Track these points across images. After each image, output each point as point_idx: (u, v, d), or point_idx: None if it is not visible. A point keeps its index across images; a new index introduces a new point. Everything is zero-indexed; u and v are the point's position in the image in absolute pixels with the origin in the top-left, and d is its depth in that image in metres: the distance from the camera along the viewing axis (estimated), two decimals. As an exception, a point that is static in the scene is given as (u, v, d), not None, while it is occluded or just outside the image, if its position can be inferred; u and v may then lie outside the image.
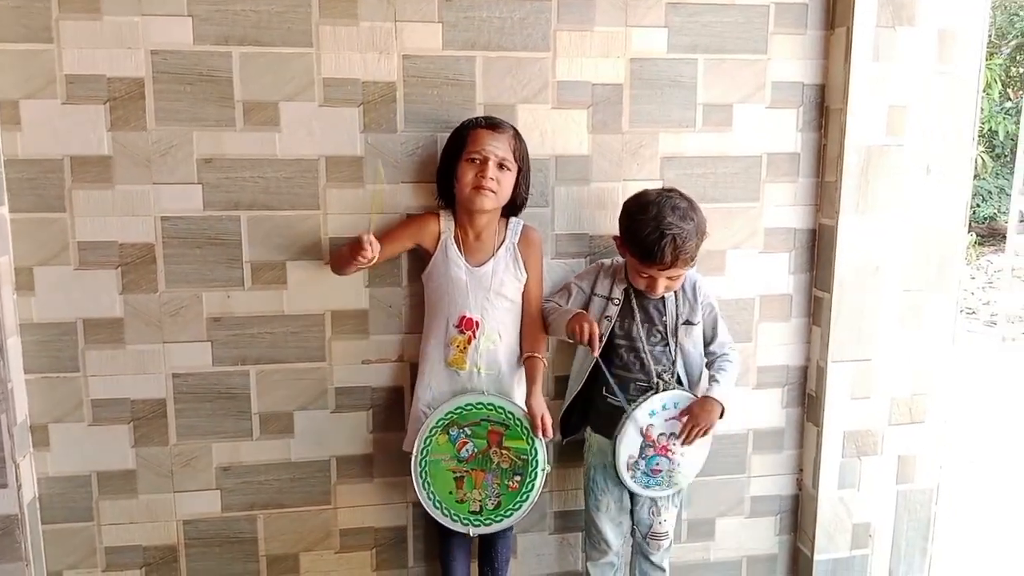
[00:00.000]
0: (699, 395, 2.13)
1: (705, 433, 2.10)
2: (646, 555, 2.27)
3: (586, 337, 2.01)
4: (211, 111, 2.05)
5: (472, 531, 2.06)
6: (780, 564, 2.56)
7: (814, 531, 2.45)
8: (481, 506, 2.05)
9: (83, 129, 2.01)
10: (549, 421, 2.06)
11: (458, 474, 2.04)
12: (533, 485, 2.06)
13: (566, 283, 2.23)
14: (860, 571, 2.50)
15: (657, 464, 2.09)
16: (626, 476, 2.08)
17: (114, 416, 2.13)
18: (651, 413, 2.06)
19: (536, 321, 2.17)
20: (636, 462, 2.08)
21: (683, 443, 2.09)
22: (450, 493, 2.05)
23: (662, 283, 2.03)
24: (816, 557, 2.46)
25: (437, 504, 2.05)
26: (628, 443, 2.06)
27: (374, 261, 1.98)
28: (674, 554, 2.35)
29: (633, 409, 2.05)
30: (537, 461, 2.05)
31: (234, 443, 2.20)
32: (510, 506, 2.06)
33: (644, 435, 2.07)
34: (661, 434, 2.08)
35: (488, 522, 2.06)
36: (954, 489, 3.17)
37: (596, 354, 2.04)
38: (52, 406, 2.11)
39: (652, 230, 1.96)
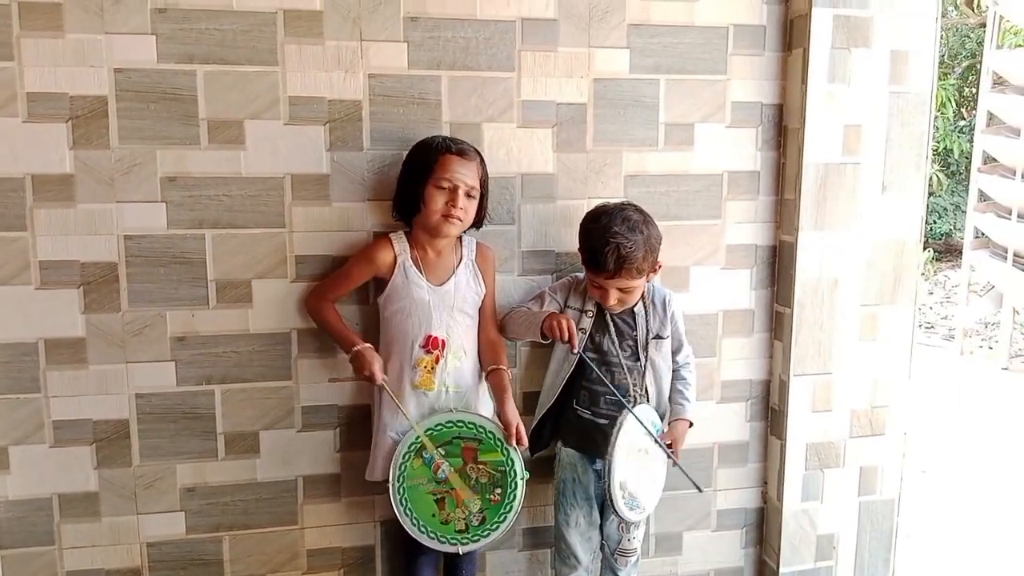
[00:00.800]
0: (670, 416, 2.19)
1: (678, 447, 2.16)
2: (614, 571, 2.28)
3: (565, 334, 2.02)
4: (175, 129, 2.04)
5: (461, 549, 2.04)
6: (746, 577, 2.59)
7: (779, 544, 2.48)
8: (466, 524, 2.04)
9: (45, 147, 1.99)
10: (523, 430, 2.07)
11: (438, 496, 2.04)
12: (515, 495, 2.05)
13: (540, 292, 2.25)
14: (825, 583, 2.53)
15: (633, 489, 2.09)
16: (620, 502, 2.05)
17: (76, 437, 2.10)
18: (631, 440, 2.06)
19: (495, 334, 2.19)
20: (624, 484, 2.05)
21: (673, 464, 2.12)
22: (433, 516, 2.03)
23: (613, 294, 2.06)
24: (782, 570, 2.49)
25: (423, 529, 2.03)
26: (620, 466, 2.03)
27: None
28: (642, 569, 2.37)
29: (618, 430, 2.02)
30: (515, 471, 2.05)
31: (199, 464, 2.17)
32: (495, 519, 2.05)
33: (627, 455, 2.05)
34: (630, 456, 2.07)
35: (476, 538, 2.05)
36: (914, 500, 3.23)
37: (576, 351, 2.06)
38: (12, 428, 2.07)
39: (598, 238, 2.01)
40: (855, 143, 2.34)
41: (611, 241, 1.99)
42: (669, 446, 2.13)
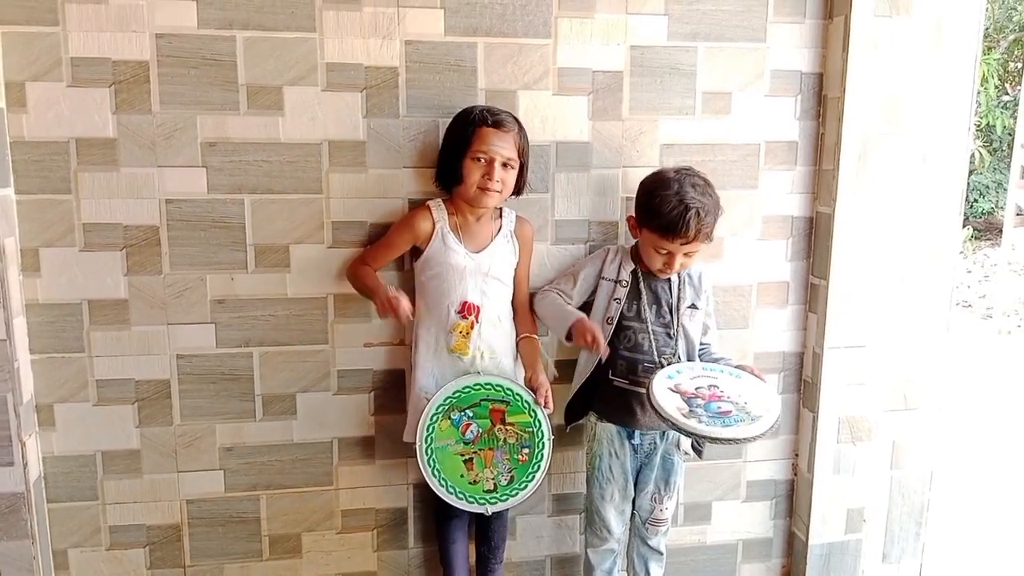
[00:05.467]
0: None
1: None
2: (644, 539, 2.30)
3: (591, 345, 2.04)
4: (215, 95, 2.07)
5: (489, 509, 2.06)
6: (775, 547, 2.59)
7: (809, 515, 2.48)
8: (495, 483, 2.07)
9: (88, 111, 2.02)
10: (551, 394, 2.09)
11: (466, 456, 2.06)
12: (543, 455, 2.08)
13: (571, 269, 2.25)
14: (854, 555, 2.53)
15: (720, 407, 1.99)
16: (693, 424, 1.91)
17: (119, 396, 2.16)
18: (668, 376, 2.05)
19: (527, 305, 2.22)
20: (692, 411, 1.97)
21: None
22: (461, 476, 2.06)
23: (679, 259, 2.06)
24: (811, 541, 2.49)
25: (451, 489, 2.06)
26: (668, 401, 1.97)
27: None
28: (671, 537, 2.38)
29: (651, 380, 2.02)
30: (543, 432, 2.08)
31: (237, 424, 2.22)
32: (523, 478, 2.07)
33: (678, 392, 2.02)
34: (698, 387, 2.04)
35: (505, 497, 2.07)
36: (948, 475, 3.20)
37: (603, 356, 2.07)
38: (57, 386, 2.13)
39: (676, 204, 1.99)
40: (896, 113, 2.30)
41: (691, 206, 1.98)
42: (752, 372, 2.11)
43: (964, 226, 8.82)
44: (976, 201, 9.67)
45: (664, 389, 2.01)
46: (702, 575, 2.56)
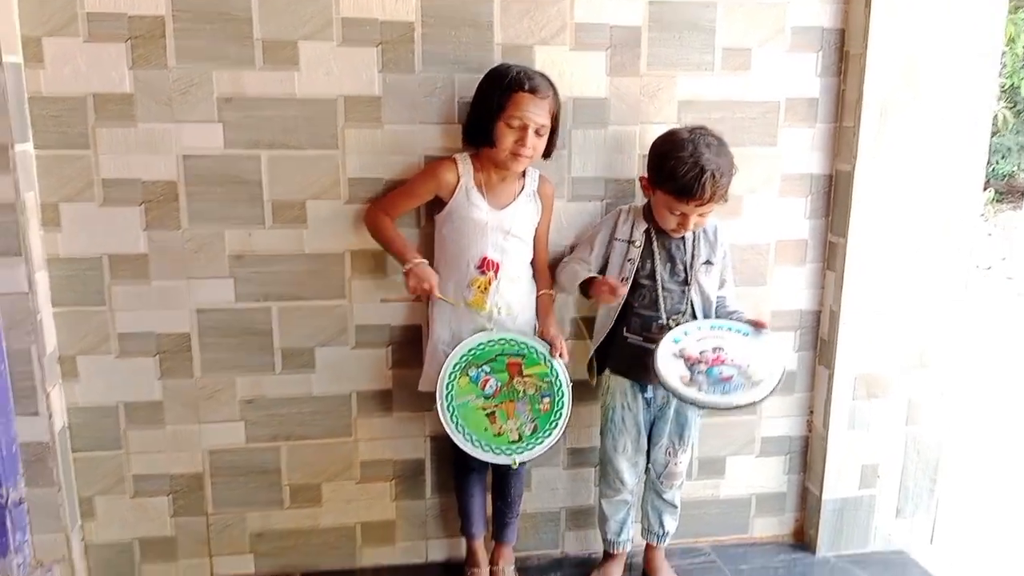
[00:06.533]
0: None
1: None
2: (659, 493, 2.33)
3: (612, 296, 2.06)
4: (231, 49, 2.06)
5: (517, 459, 2.08)
6: (788, 502, 2.62)
7: (823, 470, 2.50)
8: (519, 434, 2.09)
9: (105, 67, 2.02)
10: (564, 345, 2.12)
11: (488, 410, 2.08)
12: (563, 403, 2.10)
13: (588, 236, 2.25)
14: (867, 510, 2.55)
15: (722, 373, 2.04)
16: (692, 393, 1.99)
17: (140, 349, 2.19)
18: (675, 340, 2.07)
19: (546, 263, 2.24)
20: (693, 379, 2.01)
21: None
22: (485, 430, 2.08)
23: (693, 220, 2.05)
24: (824, 496, 2.51)
25: (476, 443, 2.07)
26: (670, 370, 2.02)
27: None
28: (685, 491, 2.41)
29: (658, 344, 2.05)
30: (561, 380, 2.10)
31: (257, 377, 2.25)
32: (547, 426, 2.09)
33: (682, 357, 2.05)
34: (703, 351, 2.06)
35: (531, 446, 2.09)
36: (963, 433, 3.21)
37: (621, 297, 2.09)
38: (79, 338, 2.16)
39: (691, 167, 1.97)
40: (919, 71, 2.26)
41: (707, 168, 1.97)
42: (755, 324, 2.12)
43: (985, 188, 8.69)
44: (998, 163, 9.51)
45: (668, 356, 2.04)
46: (715, 528, 2.60)
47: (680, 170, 1.99)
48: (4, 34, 1.90)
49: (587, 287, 2.15)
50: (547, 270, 2.23)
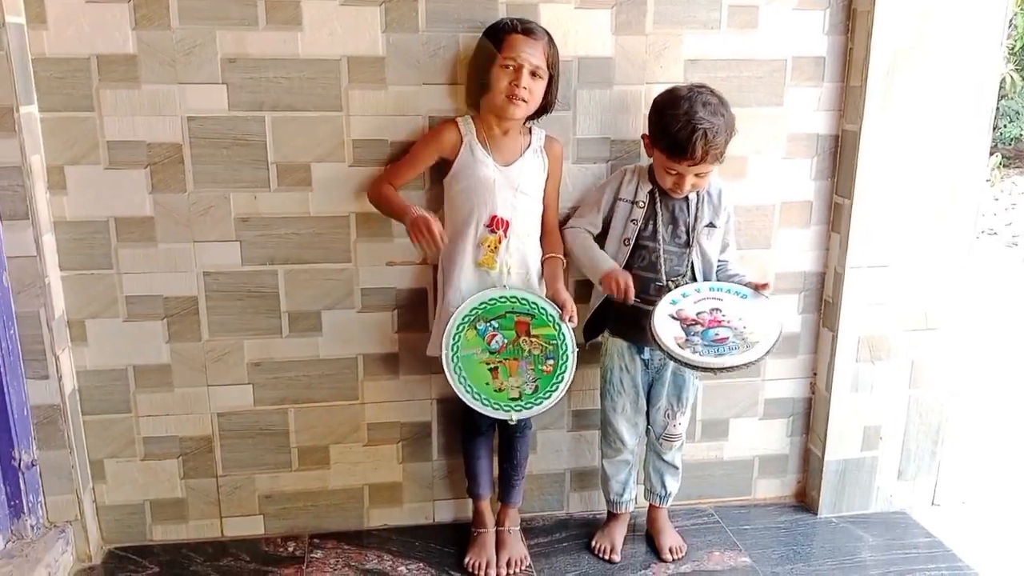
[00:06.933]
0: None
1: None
2: (659, 454, 2.35)
3: (622, 294, 2.05)
4: (233, 9, 2.04)
5: (514, 416, 2.09)
6: (791, 463, 2.64)
7: (826, 432, 2.51)
8: (520, 392, 2.10)
9: (108, 27, 2.01)
10: (574, 308, 2.11)
11: (492, 365, 2.09)
12: (566, 367, 2.10)
13: (593, 197, 2.23)
14: (869, 471, 2.57)
15: (718, 334, 2.04)
16: (687, 354, 1.99)
17: (148, 312, 2.20)
18: (672, 301, 2.07)
19: (555, 225, 2.23)
20: (688, 340, 2.02)
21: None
22: (487, 384, 2.08)
23: (689, 180, 2.04)
24: (827, 457, 2.53)
25: (476, 396, 2.08)
26: (665, 331, 2.02)
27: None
28: (688, 452, 2.44)
29: (655, 306, 2.06)
30: (567, 344, 2.10)
31: (265, 340, 2.27)
32: (548, 388, 2.10)
33: (679, 318, 2.05)
34: (700, 312, 2.06)
35: (530, 405, 2.09)
36: (966, 395, 3.22)
37: (631, 302, 2.07)
38: (88, 302, 2.17)
39: (683, 125, 1.96)
40: (927, 29, 2.23)
41: (699, 127, 1.95)
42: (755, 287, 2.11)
43: (993, 153, 8.63)
44: (1006, 127, 9.43)
45: (664, 317, 2.04)
46: (718, 489, 2.62)
47: (673, 127, 1.98)
48: (6, -5, 1.89)
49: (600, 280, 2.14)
50: (557, 231, 2.22)
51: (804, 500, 2.65)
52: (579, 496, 2.56)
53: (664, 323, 2.04)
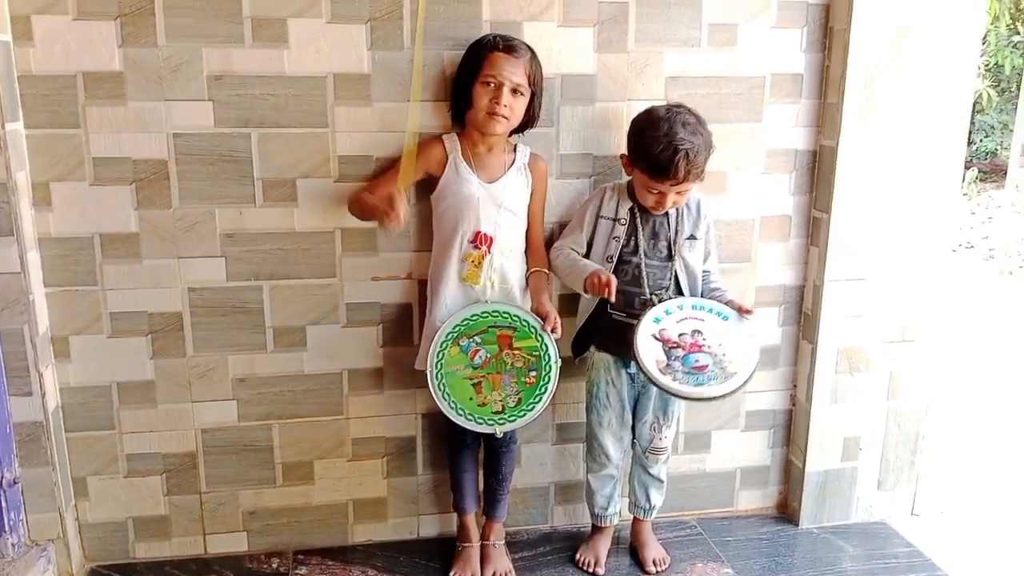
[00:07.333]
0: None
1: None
2: (645, 467, 2.37)
3: (604, 291, 2.05)
4: (220, 27, 2.06)
5: (498, 430, 2.10)
6: (772, 475, 2.67)
7: (806, 444, 2.54)
8: (503, 405, 2.11)
9: (94, 45, 2.02)
10: (559, 320, 2.13)
11: (475, 380, 2.11)
12: (549, 377, 2.12)
13: (576, 218, 2.26)
14: (849, 482, 2.60)
15: (697, 361, 2.07)
16: (667, 381, 2.03)
17: (132, 328, 2.20)
18: (655, 320, 2.09)
19: (541, 240, 2.25)
20: (669, 364, 2.05)
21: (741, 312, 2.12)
22: (470, 399, 2.10)
23: (671, 198, 2.08)
24: (808, 468, 2.56)
25: (460, 411, 2.09)
26: (648, 353, 2.06)
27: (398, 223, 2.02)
28: (671, 465, 2.45)
29: (638, 323, 2.09)
30: (549, 355, 2.12)
31: (249, 355, 2.27)
32: (531, 400, 2.12)
33: (661, 339, 2.08)
34: (681, 334, 2.09)
35: (513, 418, 2.10)
36: (944, 407, 3.27)
37: (612, 299, 2.08)
38: (72, 318, 2.17)
39: (665, 147, 2.00)
40: (902, 46, 2.29)
41: (680, 148, 1.99)
42: (739, 310, 2.13)
43: (969, 167, 8.78)
44: (981, 142, 9.60)
45: (647, 337, 2.06)
46: (701, 501, 2.64)
47: (655, 149, 2.01)
48: (-7, 13, 1.90)
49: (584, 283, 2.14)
50: (542, 247, 2.25)
51: (785, 511, 2.68)
52: (563, 509, 2.58)
53: (647, 344, 2.06)
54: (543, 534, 2.55)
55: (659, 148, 2.00)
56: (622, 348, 2.20)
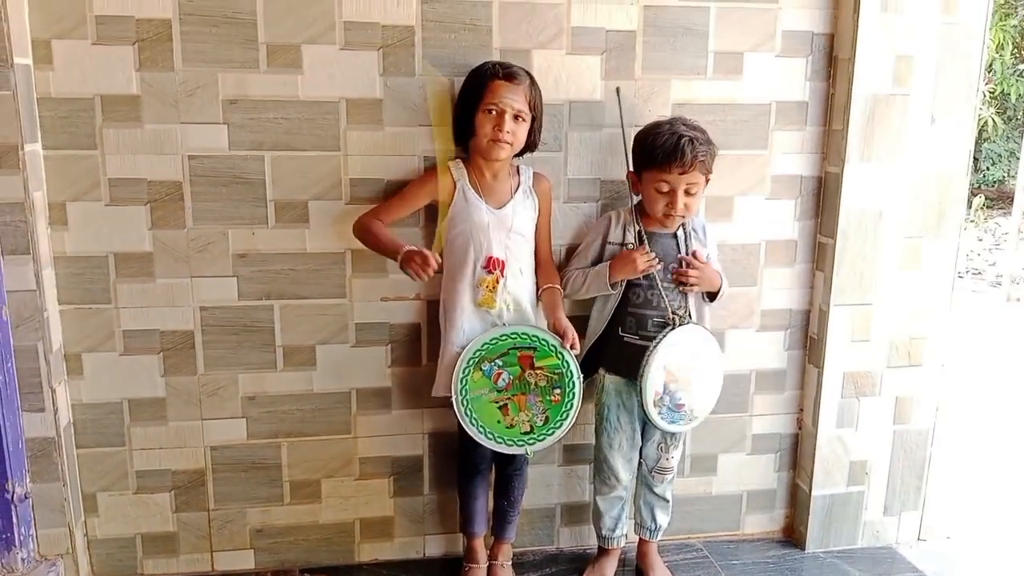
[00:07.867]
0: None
1: (696, 281, 2.19)
2: (651, 487, 2.38)
3: (643, 264, 2.14)
4: (236, 53, 2.11)
5: (529, 450, 2.14)
6: (779, 499, 2.67)
7: (812, 468, 2.55)
8: (531, 425, 2.14)
9: (113, 68, 2.07)
10: (576, 336, 2.16)
11: (500, 403, 2.13)
12: (574, 393, 2.14)
13: (583, 247, 2.29)
14: (856, 507, 2.60)
15: (681, 400, 2.18)
16: (654, 413, 2.16)
17: (144, 346, 2.23)
18: (671, 345, 2.13)
19: (549, 258, 2.28)
20: (661, 398, 2.15)
21: (675, 278, 2.20)
22: (498, 422, 2.13)
23: (681, 198, 2.11)
24: (814, 492, 2.56)
25: (490, 436, 2.12)
26: (653, 381, 2.13)
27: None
28: (677, 487, 2.46)
29: (655, 346, 2.12)
30: (572, 371, 2.14)
31: (259, 374, 2.29)
32: (558, 417, 2.15)
33: (668, 371, 2.14)
34: (681, 369, 2.16)
35: (542, 437, 2.15)
36: (950, 432, 3.26)
37: (650, 261, 2.16)
38: (85, 336, 2.20)
39: (669, 136, 2.08)
40: (905, 74, 2.32)
41: (684, 134, 2.07)
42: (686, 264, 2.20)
43: (976, 194, 8.79)
44: (988, 169, 9.61)
45: (660, 368, 2.14)
46: (707, 524, 2.64)
47: (659, 141, 2.09)
48: (15, 36, 1.94)
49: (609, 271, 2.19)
50: (552, 264, 2.28)
51: (792, 535, 2.68)
52: (570, 531, 2.58)
53: (657, 374, 2.14)
54: (549, 555, 2.55)
55: (664, 139, 2.08)
56: (634, 370, 2.22)
